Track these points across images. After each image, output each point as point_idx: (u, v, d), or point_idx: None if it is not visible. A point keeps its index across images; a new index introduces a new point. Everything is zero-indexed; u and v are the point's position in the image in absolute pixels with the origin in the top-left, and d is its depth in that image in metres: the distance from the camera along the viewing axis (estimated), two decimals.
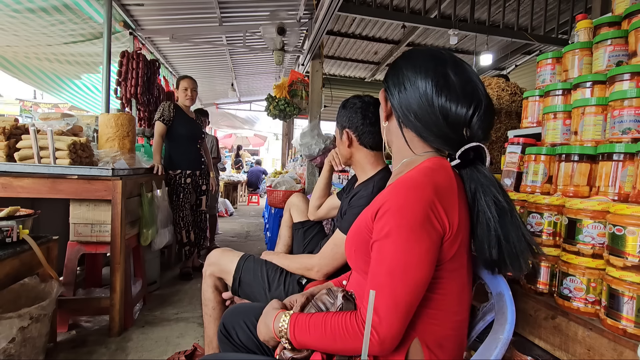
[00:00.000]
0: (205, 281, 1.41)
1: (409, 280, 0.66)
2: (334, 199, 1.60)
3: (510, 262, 0.73)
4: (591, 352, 0.74)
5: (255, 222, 6.17)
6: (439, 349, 0.72)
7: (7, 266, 1.47)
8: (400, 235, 0.67)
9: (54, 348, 1.83)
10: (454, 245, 0.70)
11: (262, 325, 0.84)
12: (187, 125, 2.96)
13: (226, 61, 5.72)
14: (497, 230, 0.72)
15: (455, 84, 0.75)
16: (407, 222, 0.66)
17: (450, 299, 0.72)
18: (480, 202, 0.73)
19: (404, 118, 0.79)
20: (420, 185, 0.69)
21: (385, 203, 0.70)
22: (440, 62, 0.77)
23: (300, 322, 0.76)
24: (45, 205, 2.09)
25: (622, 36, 0.96)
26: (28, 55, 3.80)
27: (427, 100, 0.75)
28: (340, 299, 0.79)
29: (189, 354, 1.67)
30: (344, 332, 0.69)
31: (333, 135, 4.36)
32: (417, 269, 0.66)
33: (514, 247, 0.72)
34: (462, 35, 4.80)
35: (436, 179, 0.70)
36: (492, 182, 0.75)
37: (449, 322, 0.73)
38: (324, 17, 3.14)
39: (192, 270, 3.08)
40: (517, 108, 3.47)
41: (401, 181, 0.71)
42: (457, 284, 0.73)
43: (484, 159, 0.77)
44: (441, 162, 0.76)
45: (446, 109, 0.74)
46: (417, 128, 0.78)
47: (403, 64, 0.81)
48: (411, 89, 0.77)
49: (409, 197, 0.68)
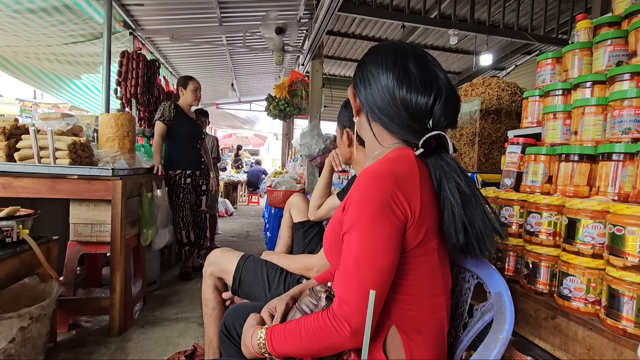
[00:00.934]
0: (205, 281, 1.41)
1: (375, 268, 0.67)
2: (334, 199, 1.60)
3: (478, 247, 0.75)
4: (591, 352, 0.74)
5: (255, 222, 6.17)
6: (418, 334, 0.73)
7: (7, 266, 1.47)
8: (362, 225, 0.68)
9: (54, 348, 1.83)
10: (419, 232, 0.71)
11: (243, 346, 0.84)
12: (187, 125, 2.96)
13: (226, 61, 5.72)
14: (462, 216, 0.73)
15: (415, 75, 0.77)
16: (369, 211, 0.68)
17: (423, 284, 0.73)
18: (444, 189, 0.75)
19: (370, 112, 0.82)
20: (380, 175, 0.70)
21: (351, 195, 0.72)
22: (401, 55, 0.79)
23: (276, 334, 0.76)
24: (45, 205, 2.09)
25: (622, 36, 0.96)
26: (28, 55, 3.80)
27: (389, 93, 0.77)
28: (323, 299, 0.79)
29: (189, 354, 1.68)
30: (319, 331, 0.70)
31: (333, 135, 4.36)
32: (381, 255, 0.67)
33: (479, 232, 0.74)
34: (462, 35, 4.80)
35: (396, 168, 0.72)
36: (454, 169, 0.76)
37: (424, 306, 0.74)
38: (324, 17, 3.14)
39: (192, 270, 3.08)
40: (517, 108, 3.47)
41: (365, 173, 0.73)
42: (427, 268, 0.74)
43: (447, 146, 0.78)
44: (404, 151, 0.78)
45: (407, 100, 0.76)
46: (383, 121, 0.80)
47: (367, 60, 0.83)
48: (375, 83, 0.79)
49: (369, 187, 0.70)
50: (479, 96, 3.53)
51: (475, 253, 0.76)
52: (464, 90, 3.98)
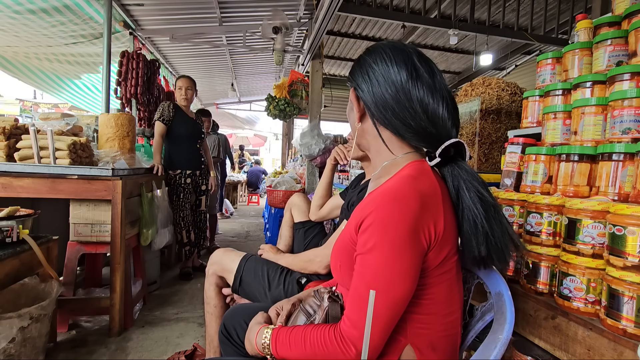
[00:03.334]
0: (207, 280, 1.42)
1: (389, 297, 0.64)
2: (337, 199, 1.60)
3: (497, 257, 0.72)
4: (591, 352, 0.74)
5: (255, 222, 6.17)
6: (432, 352, 0.71)
7: (7, 266, 1.47)
8: (383, 251, 0.64)
9: (54, 348, 1.82)
10: (441, 252, 0.68)
11: (246, 341, 0.84)
12: (186, 125, 2.96)
13: (226, 61, 5.72)
14: (485, 227, 0.70)
15: (425, 75, 0.73)
16: (391, 238, 0.64)
17: (440, 303, 0.71)
18: (464, 199, 0.71)
19: (379, 116, 0.75)
20: (405, 198, 0.66)
21: (370, 215, 0.66)
22: (407, 54, 0.74)
23: (281, 337, 0.75)
24: (45, 205, 2.09)
25: (622, 36, 0.96)
26: (28, 55, 3.80)
27: (405, 93, 0.72)
28: (326, 300, 0.78)
29: (189, 354, 1.67)
30: (324, 348, 0.68)
31: (333, 135, 4.36)
32: (398, 285, 0.64)
33: (498, 242, 0.71)
34: (462, 35, 4.80)
35: (420, 187, 0.67)
36: (475, 177, 0.72)
37: (439, 324, 0.72)
38: (324, 17, 3.14)
39: (192, 270, 3.08)
40: (517, 108, 3.47)
41: (384, 192, 0.68)
42: (445, 286, 0.71)
43: (463, 154, 0.75)
44: (421, 165, 0.73)
45: (425, 101, 0.71)
46: (394, 126, 0.74)
47: (372, 59, 0.76)
48: (385, 83, 0.73)
49: (394, 210, 0.65)
50: (479, 96, 3.53)
51: (492, 264, 0.73)
52: (464, 90, 3.98)
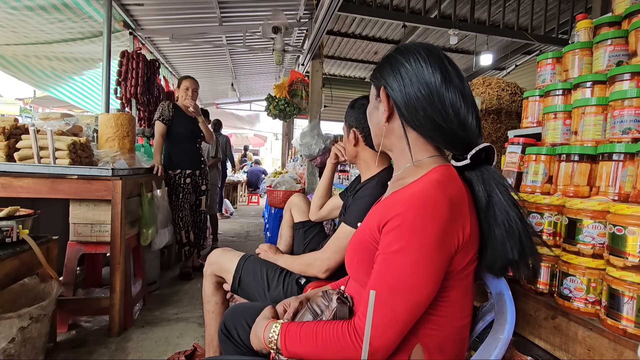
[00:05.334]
0: (205, 280, 1.42)
1: (411, 300, 0.65)
2: (337, 199, 1.60)
3: (525, 262, 0.72)
4: (591, 352, 0.74)
5: (255, 222, 6.17)
6: (439, 353, 0.72)
7: (7, 266, 1.47)
8: (409, 254, 0.64)
9: (53, 348, 1.82)
10: (466, 256, 0.69)
11: (253, 335, 0.83)
12: (186, 124, 2.96)
13: (226, 61, 5.72)
14: (519, 228, 0.70)
15: (456, 79, 0.72)
16: (420, 242, 0.64)
17: (454, 306, 0.71)
18: (498, 203, 0.70)
19: (410, 117, 0.74)
20: (436, 203, 0.65)
21: (397, 216, 0.66)
22: (440, 56, 0.74)
23: (291, 332, 0.74)
24: (45, 205, 2.09)
25: (622, 36, 0.96)
26: (27, 54, 3.80)
27: (438, 95, 0.71)
28: (334, 301, 0.78)
29: (189, 354, 1.67)
30: (337, 343, 0.68)
31: (333, 135, 4.37)
32: (421, 290, 0.64)
33: (527, 246, 0.71)
34: (462, 35, 4.80)
35: (449, 193, 0.67)
36: (505, 181, 0.72)
37: (450, 327, 0.72)
38: (324, 17, 3.14)
39: (192, 270, 3.08)
40: (517, 108, 3.47)
41: (414, 195, 0.67)
42: (462, 291, 0.71)
43: (490, 159, 0.74)
44: (449, 171, 0.72)
45: (456, 105, 0.71)
46: (423, 127, 0.73)
47: (404, 59, 0.75)
48: (418, 83, 0.72)
49: (425, 215, 0.65)
50: (479, 96, 3.53)
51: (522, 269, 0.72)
52: None
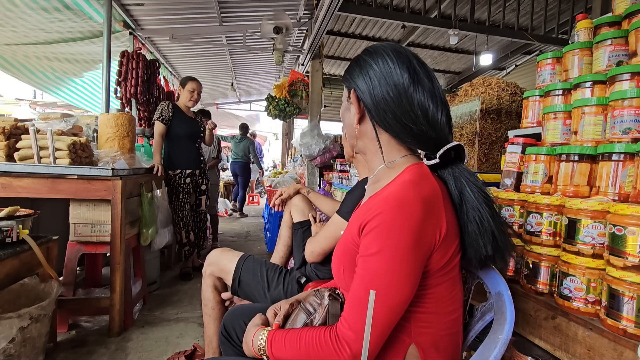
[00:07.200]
0: (204, 281, 1.41)
1: (388, 301, 0.65)
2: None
3: (500, 256, 0.74)
4: (591, 352, 0.74)
5: (255, 222, 6.17)
6: (435, 351, 0.72)
7: (7, 266, 1.47)
8: (384, 255, 0.64)
9: (53, 348, 1.82)
10: (446, 254, 0.69)
11: (244, 343, 0.84)
12: (186, 124, 2.96)
13: (226, 61, 5.72)
14: (491, 225, 0.71)
15: (425, 80, 0.72)
16: (393, 243, 0.64)
17: (442, 301, 0.71)
18: (469, 200, 0.72)
19: (379, 119, 0.74)
20: (409, 204, 0.65)
21: (373, 219, 0.67)
22: (408, 57, 0.74)
23: (277, 339, 0.75)
24: (45, 205, 2.09)
25: (622, 36, 0.96)
26: (27, 54, 3.80)
27: (407, 97, 0.71)
28: (326, 298, 0.79)
29: (189, 354, 1.67)
30: (319, 349, 0.68)
31: (333, 135, 4.36)
32: (397, 290, 0.65)
33: (502, 240, 0.73)
34: (462, 35, 4.80)
35: (422, 192, 0.67)
36: (476, 178, 0.74)
37: (441, 323, 0.72)
38: (324, 17, 3.14)
39: (192, 270, 3.08)
40: (517, 108, 3.47)
41: (388, 197, 0.68)
42: (448, 285, 0.72)
43: (462, 157, 0.75)
44: (420, 168, 0.72)
45: (425, 106, 0.71)
46: (394, 129, 0.74)
47: (373, 60, 0.75)
48: (387, 85, 0.72)
49: (398, 216, 0.65)
50: (479, 96, 3.53)
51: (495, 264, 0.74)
52: (464, 90, 3.98)
